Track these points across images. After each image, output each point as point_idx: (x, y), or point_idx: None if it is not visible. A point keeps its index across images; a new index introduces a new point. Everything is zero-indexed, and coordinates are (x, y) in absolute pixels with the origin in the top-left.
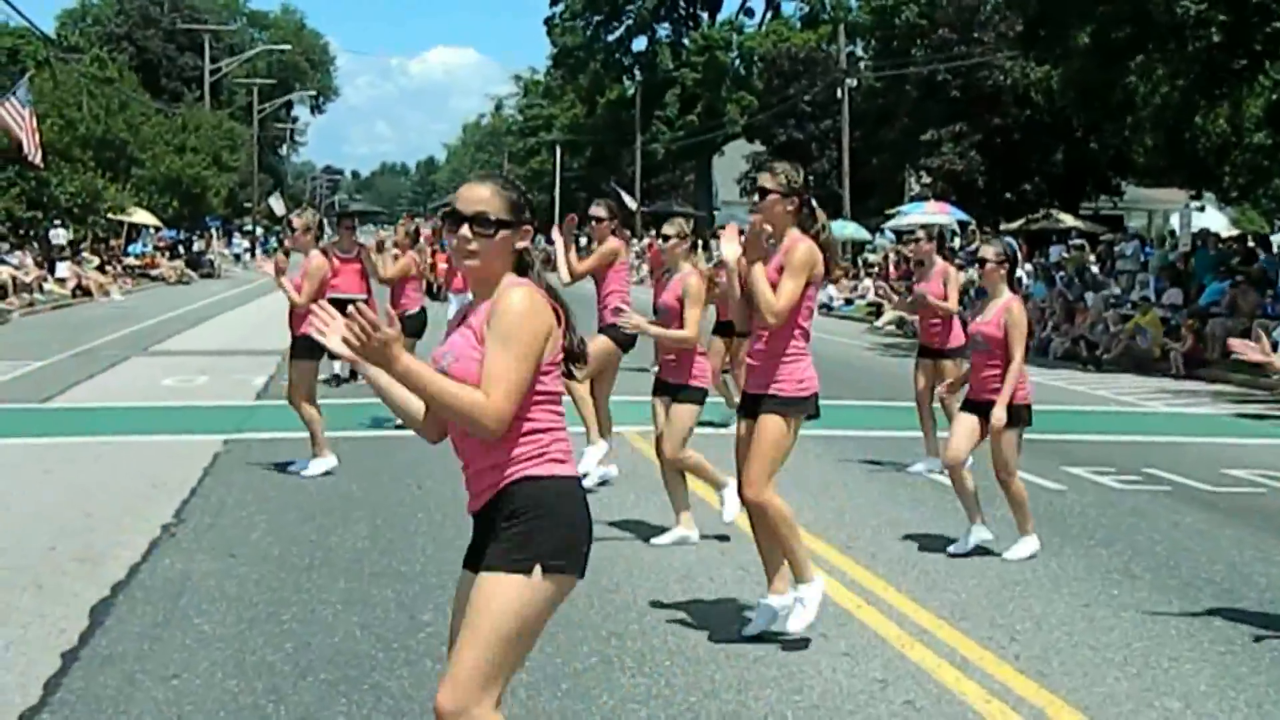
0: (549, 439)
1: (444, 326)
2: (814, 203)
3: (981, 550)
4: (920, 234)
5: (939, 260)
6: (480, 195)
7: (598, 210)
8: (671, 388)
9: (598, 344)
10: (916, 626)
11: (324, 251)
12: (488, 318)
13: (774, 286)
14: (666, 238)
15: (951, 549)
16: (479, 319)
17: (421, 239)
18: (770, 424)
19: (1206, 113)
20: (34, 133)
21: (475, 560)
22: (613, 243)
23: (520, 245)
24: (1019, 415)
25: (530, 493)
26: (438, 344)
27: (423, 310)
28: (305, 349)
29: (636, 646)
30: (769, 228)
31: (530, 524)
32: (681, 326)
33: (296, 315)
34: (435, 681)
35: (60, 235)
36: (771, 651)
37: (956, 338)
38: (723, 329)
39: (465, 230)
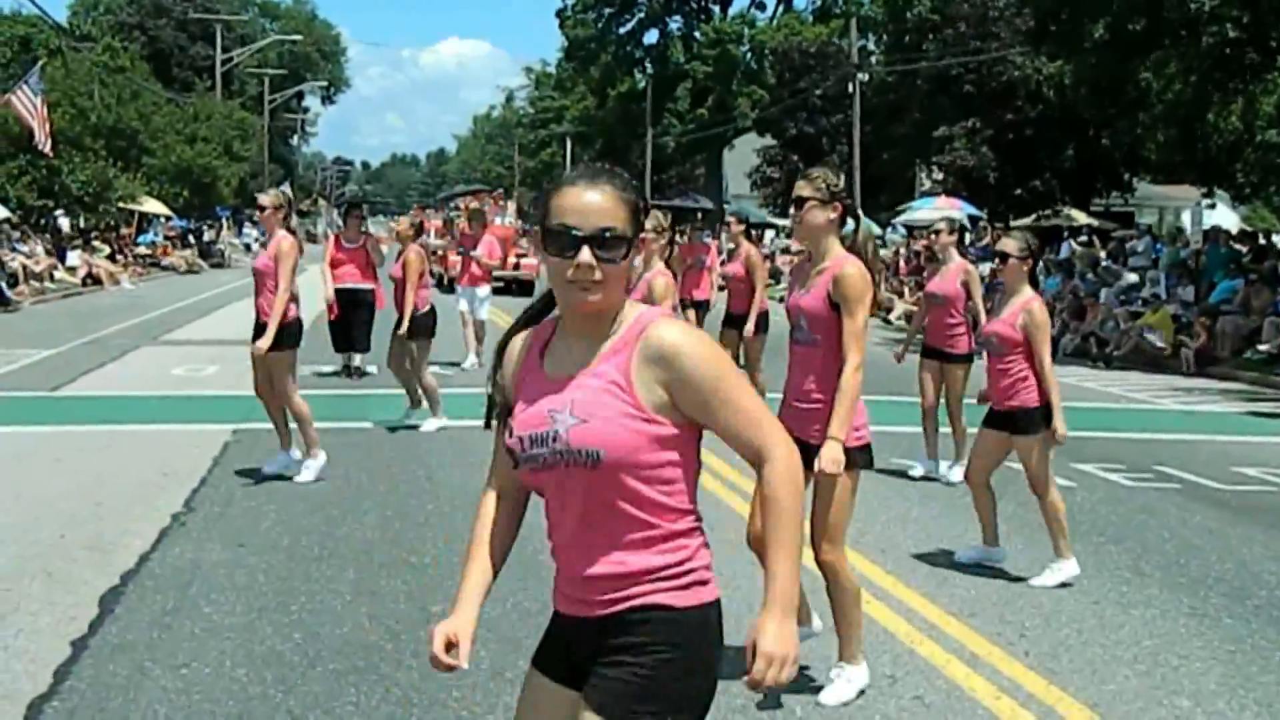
0: (694, 545)
1: (454, 320)
2: (858, 210)
3: None
4: (941, 225)
5: (956, 256)
6: (600, 205)
7: None
8: None
9: None
10: (925, 622)
11: (301, 240)
12: (637, 361)
13: (815, 316)
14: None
15: (958, 555)
16: (619, 363)
17: (432, 231)
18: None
19: (1219, 109)
20: (45, 121)
21: (565, 675)
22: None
23: (636, 261)
24: (1028, 421)
25: (668, 626)
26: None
27: (432, 309)
28: (286, 337)
29: None
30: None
31: (664, 667)
32: None
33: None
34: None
35: (66, 223)
36: None
37: (967, 342)
38: (732, 322)
39: (587, 255)
